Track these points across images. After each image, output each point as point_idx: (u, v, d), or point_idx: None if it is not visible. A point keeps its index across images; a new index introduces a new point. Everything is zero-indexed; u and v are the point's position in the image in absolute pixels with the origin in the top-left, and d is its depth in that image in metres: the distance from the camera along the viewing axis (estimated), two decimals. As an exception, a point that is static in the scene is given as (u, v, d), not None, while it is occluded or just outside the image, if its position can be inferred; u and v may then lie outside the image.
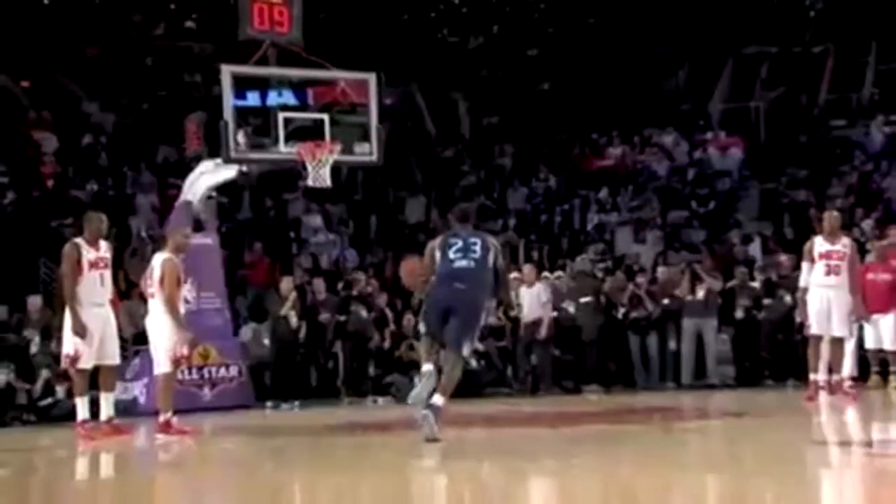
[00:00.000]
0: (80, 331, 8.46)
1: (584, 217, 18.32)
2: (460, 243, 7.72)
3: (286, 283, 12.96)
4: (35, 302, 12.33)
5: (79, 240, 8.72)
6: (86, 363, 8.57)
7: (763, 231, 16.83)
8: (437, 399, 7.42)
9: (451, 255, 7.68)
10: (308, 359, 13.45)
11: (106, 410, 8.71)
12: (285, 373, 12.61)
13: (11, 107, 18.11)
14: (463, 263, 7.64)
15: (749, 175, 19.09)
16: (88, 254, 8.62)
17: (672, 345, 13.16)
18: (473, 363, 12.92)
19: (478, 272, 7.65)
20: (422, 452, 7.22)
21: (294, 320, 12.70)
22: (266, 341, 13.02)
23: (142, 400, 11.22)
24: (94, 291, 8.60)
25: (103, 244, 8.79)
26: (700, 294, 13.02)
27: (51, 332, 12.12)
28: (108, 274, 8.76)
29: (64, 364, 8.71)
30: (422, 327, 7.84)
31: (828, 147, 19.08)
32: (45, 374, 11.14)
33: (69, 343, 8.54)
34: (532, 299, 12.99)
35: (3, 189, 16.09)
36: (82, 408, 8.56)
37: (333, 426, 9.66)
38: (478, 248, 7.72)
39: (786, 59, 21.14)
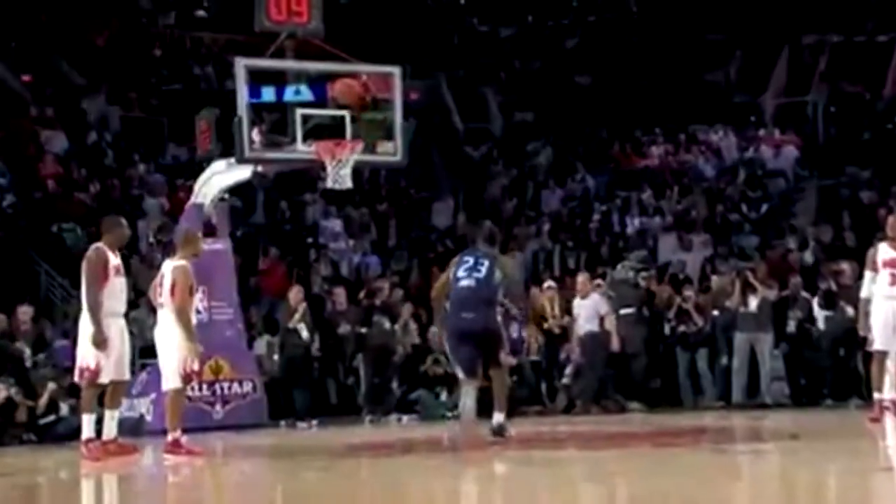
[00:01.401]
0: (103, 343, 8.50)
1: (624, 221, 18.27)
2: (471, 261, 8.83)
3: (295, 293, 12.92)
4: (26, 312, 12.25)
5: (102, 245, 8.78)
6: (105, 378, 8.62)
7: (821, 236, 16.71)
8: (498, 416, 8.68)
9: (460, 273, 8.76)
10: (326, 374, 13.49)
11: (110, 429, 8.76)
12: (295, 390, 12.60)
13: (11, 102, 18.29)
14: (466, 283, 8.70)
15: (806, 175, 18.97)
16: (113, 260, 8.70)
17: (723, 360, 13.10)
18: (511, 359, 12.93)
19: (481, 290, 8.69)
20: (450, 474, 7.21)
21: (305, 333, 12.67)
22: (276, 356, 13.10)
23: (149, 418, 11.29)
24: (118, 300, 8.68)
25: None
26: (753, 305, 12.92)
27: (44, 344, 12.21)
28: (125, 282, 8.85)
29: (80, 378, 8.73)
30: (449, 355, 9.00)
31: (893, 144, 18.92)
32: (51, 387, 11.16)
33: (90, 356, 8.57)
34: (588, 311, 12.95)
35: (2, 191, 16.25)
36: (89, 426, 8.61)
37: (354, 446, 9.67)
38: (484, 267, 8.75)
39: (847, 50, 20.97)
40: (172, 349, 8.71)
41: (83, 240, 15.72)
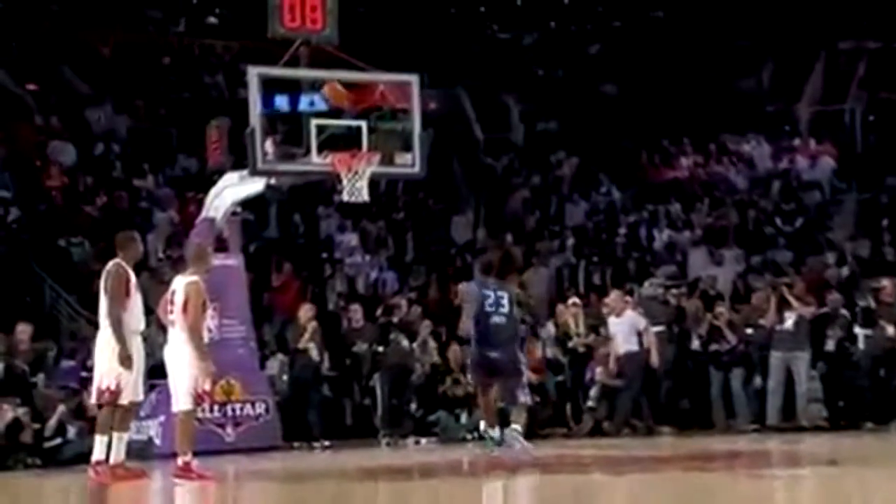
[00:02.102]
0: (128, 361, 8.55)
1: (652, 235, 18.24)
2: (492, 296, 9.50)
3: (305, 311, 12.97)
4: (24, 330, 12.24)
5: (121, 261, 8.85)
6: (126, 398, 8.68)
7: (859, 251, 16.63)
8: (482, 425, 9.79)
9: (487, 308, 9.47)
10: (342, 394, 13.50)
11: (118, 452, 8.79)
12: (308, 411, 12.62)
13: (16, 111, 18.42)
14: (497, 319, 9.46)
15: (843, 187, 18.90)
16: (133, 276, 8.78)
17: (757, 380, 13.05)
18: (528, 399, 12.92)
19: (508, 327, 9.52)
20: (472, 500, 7.19)
21: (315, 353, 12.69)
22: (285, 377, 13.12)
23: (158, 441, 11.31)
24: (137, 318, 8.76)
25: None
26: (789, 323, 12.85)
27: (42, 362, 12.22)
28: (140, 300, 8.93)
29: (99, 399, 8.77)
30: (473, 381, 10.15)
31: (935, 155, 18.87)
32: (60, 409, 11.18)
33: (111, 375, 8.62)
34: (625, 329, 12.92)
35: (7, 204, 16.35)
36: (101, 447, 8.65)
37: (369, 470, 9.68)
38: (505, 301, 9.50)
39: (887, 56, 20.90)
40: (184, 369, 8.73)
41: (90, 254, 15.85)
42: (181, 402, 8.79)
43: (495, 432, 9.57)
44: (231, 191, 11.87)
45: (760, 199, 18.66)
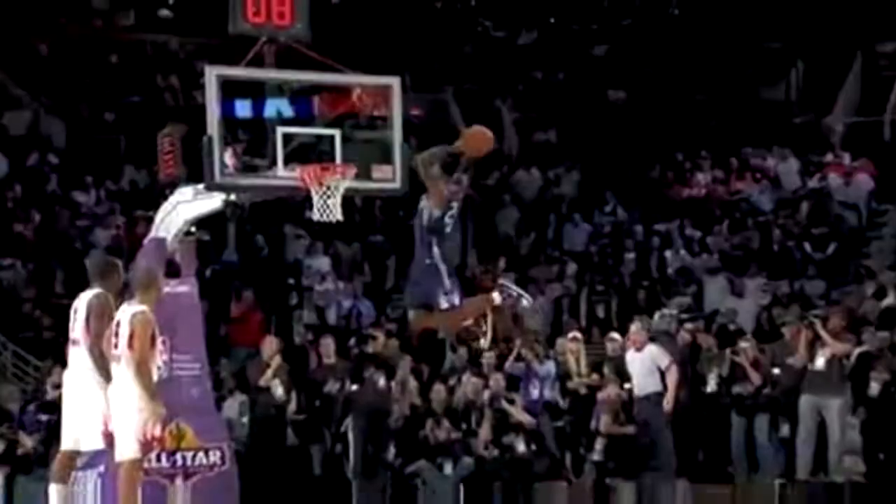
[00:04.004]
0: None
1: (663, 261, 18.30)
2: None
3: (269, 345, 13.05)
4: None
5: (103, 292, 8.91)
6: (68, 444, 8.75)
7: (902, 282, 16.72)
8: None
9: None
10: (310, 440, 13.48)
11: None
12: (267, 461, 12.61)
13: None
14: None
15: (882, 209, 18.98)
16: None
17: (784, 429, 13.06)
18: (523, 448, 12.91)
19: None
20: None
21: (279, 391, 12.73)
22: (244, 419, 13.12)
23: (91, 500, 11.22)
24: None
25: None
26: (821, 362, 12.86)
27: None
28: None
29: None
30: None
31: None
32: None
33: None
34: (646, 366, 12.85)
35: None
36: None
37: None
38: None
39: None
40: (130, 411, 8.70)
41: (21, 279, 15.79)
42: (126, 449, 8.74)
43: None
44: (185, 207, 11.83)
45: (787, 221, 18.75)
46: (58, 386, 10.77)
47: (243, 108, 10.88)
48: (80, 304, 8.93)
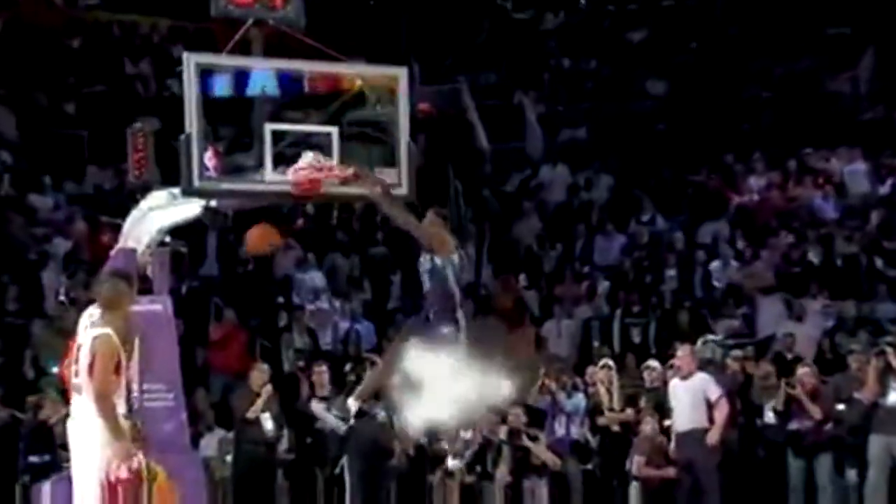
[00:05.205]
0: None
1: (709, 279, 18.30)
2: None
3: (258, 374, 13.12)
4: None
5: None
6: None
7: None
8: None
9: None
10: (300, 482, 13.51)
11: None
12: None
13: None
14: None
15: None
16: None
17: (851, 473, 13.07)
18: (546, 493, 12.94)
19: None
20: None
21: (269, 426, 12.80)
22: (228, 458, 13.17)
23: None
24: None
25: None
26: (894, 398, 12.92)
27: None
28: None
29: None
30: None
31: None
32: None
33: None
34: (693, 398, 12.86)
35: None
36: None
37: None
38: None
39: None
40: (93, 449, 8.74)
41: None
42: (89, 493, 8.79)
43: None
44: (158, 214, 11.90)
45: (854, 232, 18.74)
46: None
47: (222, 86, 10.89)
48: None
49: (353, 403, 9.83)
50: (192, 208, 11.77)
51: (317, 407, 13.04)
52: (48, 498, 11.37)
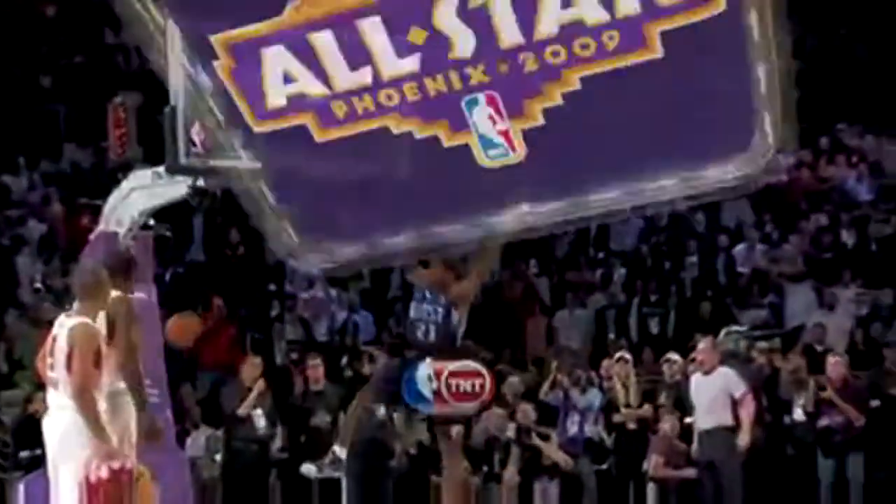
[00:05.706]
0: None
1: (733, 265, 18.28)
2: None
3: (251, 367, 13.16)
4: None
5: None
6: None
7: None
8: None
9: None
10: (294, 484, 13.51)
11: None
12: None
13: None
14: None
15: None
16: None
17: (884, 471, 13.09)
18: (557, 495, 12.95)
19: None
20: None
21: (262, 423, 12.83)
22: (218, 457, 13.19)
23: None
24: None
25: None
26: (933, 395, 12.97)
27: None
28: None
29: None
30: None
31: None
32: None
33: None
34: (715, 394, 12.77)
35: None
36: None
37: None
38: None
39: None
40: (71, 448, 8.73)
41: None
42: (68, 494, 8.78)
43: None
44: (141, 195, 11.88)
45: (890, 215, 18.72)
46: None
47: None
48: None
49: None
50: (177, 188, 11.75)
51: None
52: (22, 497, 11.38)
